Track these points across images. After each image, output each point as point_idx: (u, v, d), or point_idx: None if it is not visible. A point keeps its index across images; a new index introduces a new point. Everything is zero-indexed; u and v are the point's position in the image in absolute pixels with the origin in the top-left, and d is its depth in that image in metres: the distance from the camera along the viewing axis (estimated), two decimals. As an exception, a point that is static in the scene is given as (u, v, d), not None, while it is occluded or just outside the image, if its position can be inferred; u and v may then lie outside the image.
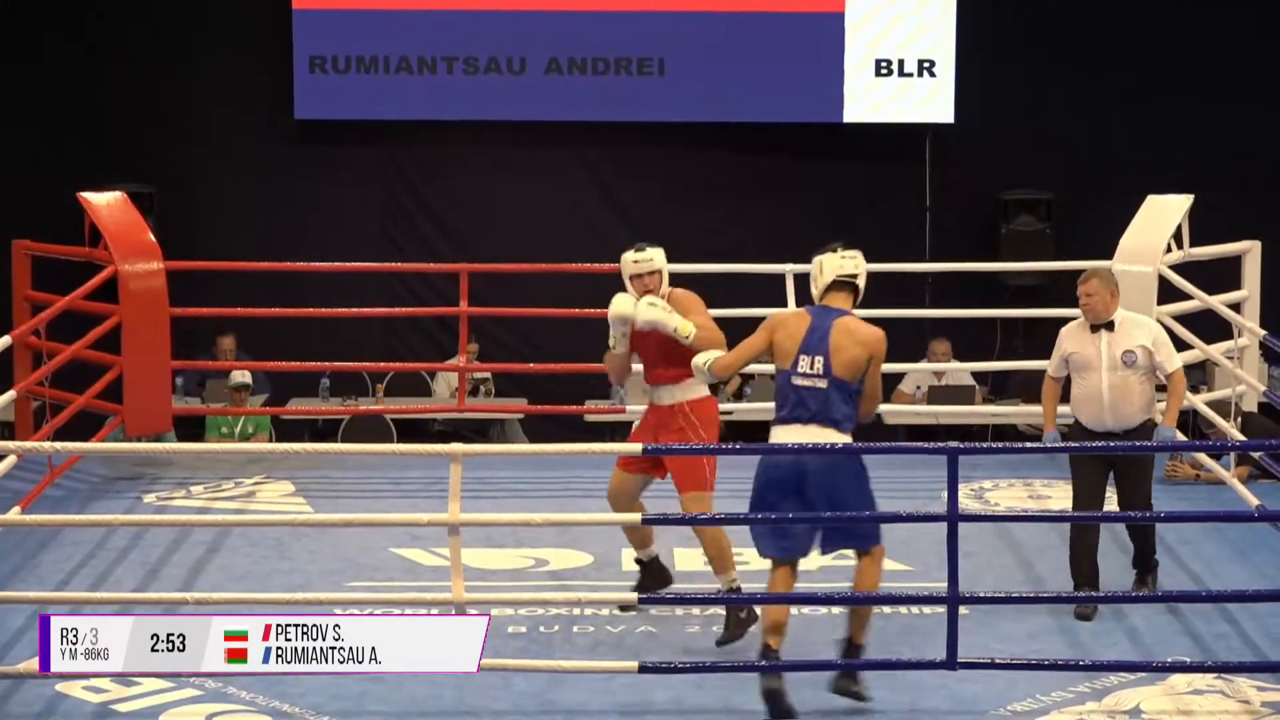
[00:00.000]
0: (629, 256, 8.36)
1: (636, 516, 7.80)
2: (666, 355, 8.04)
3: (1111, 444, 8.38)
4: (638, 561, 8.33)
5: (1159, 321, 10.51)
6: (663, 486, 8.15)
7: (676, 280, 11.48)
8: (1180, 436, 8.85)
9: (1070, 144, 14.73)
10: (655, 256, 8.29)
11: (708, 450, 8.02)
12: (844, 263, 7.52)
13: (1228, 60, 14.72)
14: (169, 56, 14.60)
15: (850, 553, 8.73)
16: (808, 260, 7.74)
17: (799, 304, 10.99)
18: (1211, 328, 10.67)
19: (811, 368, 7.30)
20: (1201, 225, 10.84)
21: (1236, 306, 10.69)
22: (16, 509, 9.22)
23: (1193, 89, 14.63)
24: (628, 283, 8.37)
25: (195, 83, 14.58)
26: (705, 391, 8.12)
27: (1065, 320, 11.48)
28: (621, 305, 8.15)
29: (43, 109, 14.50)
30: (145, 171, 14.26)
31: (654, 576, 8.33)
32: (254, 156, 14.67)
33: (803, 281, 10.92)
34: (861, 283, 7.54)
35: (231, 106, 14.62)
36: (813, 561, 8.86)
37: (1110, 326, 8.49)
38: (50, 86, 14.52)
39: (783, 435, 7.36)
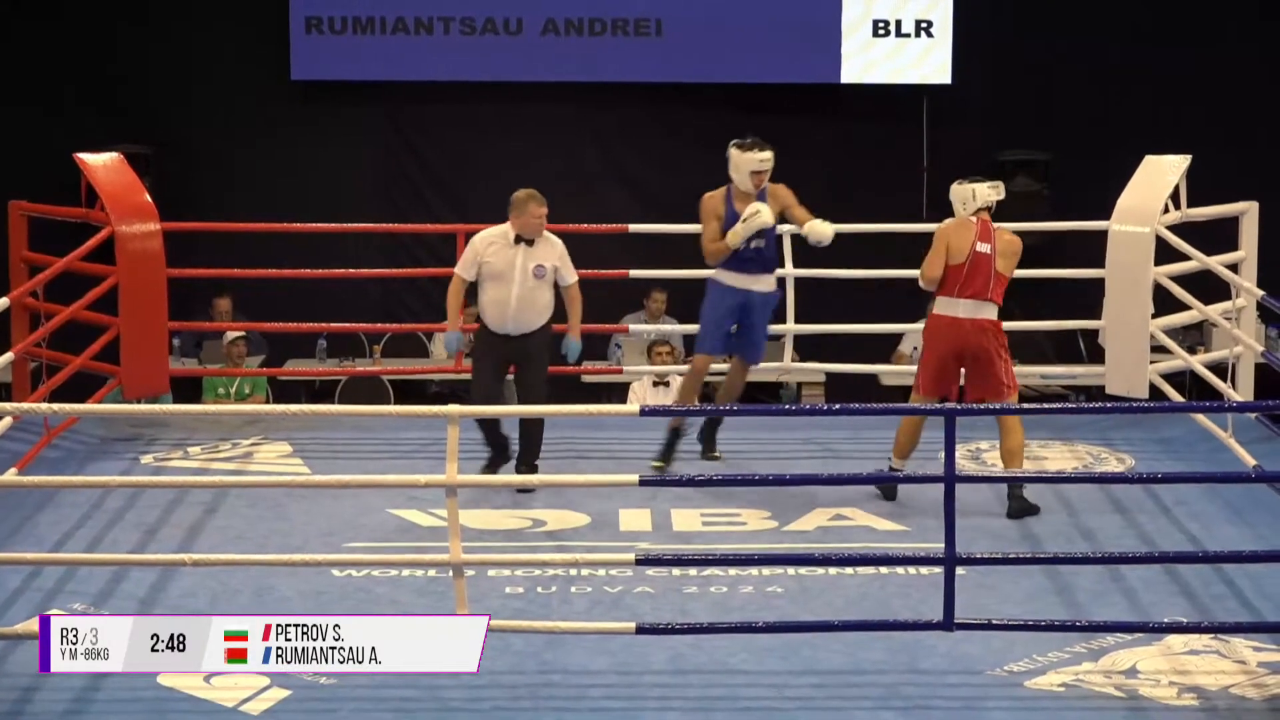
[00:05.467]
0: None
1: None
2: None
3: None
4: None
5: (1155, 281, 10.55)
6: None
7: (673, 239, 11.53)
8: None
9: (1067, 105, 14.71)
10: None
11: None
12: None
13: (1227, 21, 14.70)
14: (166, 17, 14.58)
15: (846, 513, 8.83)
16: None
17: (796, 264, 10.99)
18: (1209, 289, 10.66)
19: None
20: (1199, 186, 10.82)
21: (1234, 267, 10.67)
22: (13, 470, 9.21)
23: (1191, 50, 14.61)
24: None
25: (192, 44, 14.56)
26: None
27: (1066, 280, 11.57)
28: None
29: (40, 69, 14.48)
30: (142, 132, 14.25)
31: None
32: (251, 117, 14.67)
33: (799, 240, 10.96)
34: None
35: (228, 67, 14.60)
36: (810, 522, 8.91)
37: (531, 242, 9.40)
38: (47, 47, 14.50)
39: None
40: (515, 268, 9.35)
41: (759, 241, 9.58)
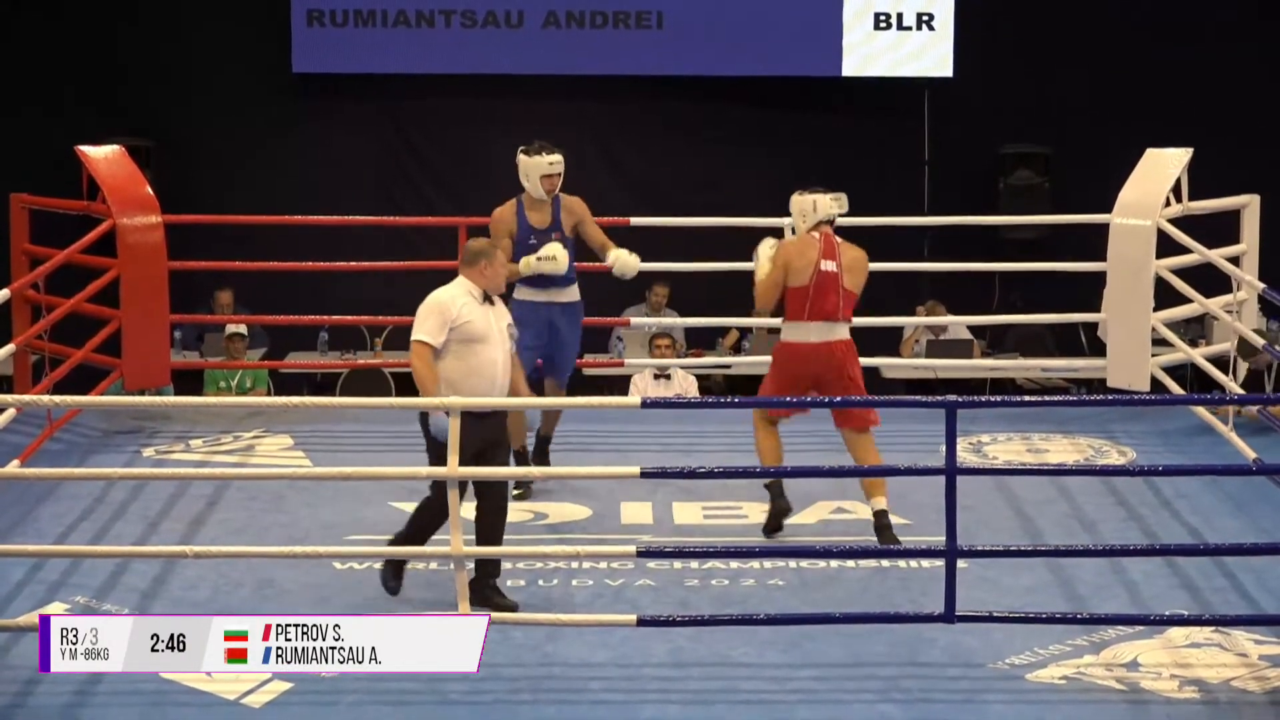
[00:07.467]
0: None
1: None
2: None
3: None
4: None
5: (1157, 274, 10.55)
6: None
7: (675, 233, 11.52)
8: None
9: (1068, 98, 14.71)
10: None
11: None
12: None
13: (1227, 14, 14.70)
14: (167, 12, 14.58)
15: (847, 506, 8.83)
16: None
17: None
18: (1210, 282, 10.66)
19: None
20: (1200, 179, 10.82)
21: (1235, 260, 10.68)
22: (15, 462, 9.22)
23: (1191, 43, 14.61)
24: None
25: (193, 37, 14.57)
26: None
27: (1064, 275, 11.56)
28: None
29: (42, 63, 14.48)
30: (143, 125, 14.26)
31: None
32: (252, 110, 14.67)
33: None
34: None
35: (229, 60, 14.61)
36: (811, 515, 8.91)
37: (491, 300, 7.90)
38: (49, 41, 14.49)
39: None
40: (493, 328, 7.82)
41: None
